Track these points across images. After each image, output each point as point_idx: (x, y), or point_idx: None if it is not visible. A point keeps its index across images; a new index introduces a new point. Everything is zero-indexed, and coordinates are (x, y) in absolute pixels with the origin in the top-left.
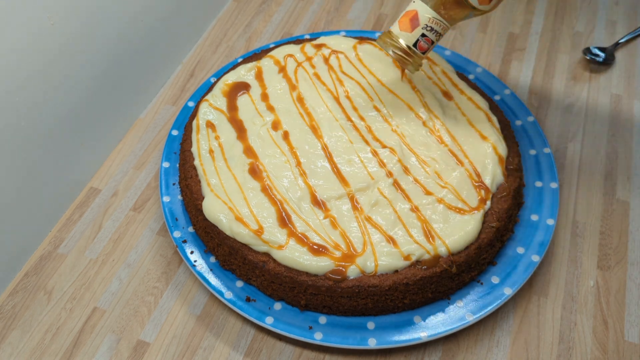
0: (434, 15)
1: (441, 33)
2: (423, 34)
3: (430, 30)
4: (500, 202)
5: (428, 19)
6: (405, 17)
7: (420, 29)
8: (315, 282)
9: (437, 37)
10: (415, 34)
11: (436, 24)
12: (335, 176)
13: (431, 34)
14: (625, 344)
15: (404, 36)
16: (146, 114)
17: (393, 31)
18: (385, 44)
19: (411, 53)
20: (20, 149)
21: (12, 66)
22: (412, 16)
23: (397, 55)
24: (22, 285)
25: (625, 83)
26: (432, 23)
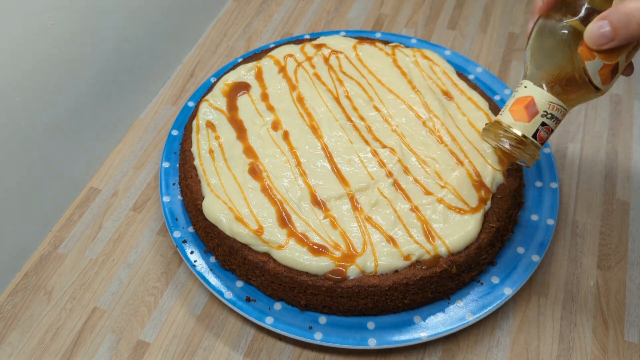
0: (554, 101)
1: (560, 119)
2: (543, 122)
3: (550, 117)
4: (500, 202)
5: (548, 104)
6: (518, 105)
7: (540, 117)
8: (315, 282)
9: (556, 124)
10: (534, 124)
11: (557, 110)
12: (335, 176)
13: (551, 121)
14: (625, 344)
15: (520, 127)
16: (146, 114)
17: (504, 121)
18: (496, 136)
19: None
20: (20, 149)
21: (12, 66)
22: (527, 103)
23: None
24: (22, 285)
25: (625, 83)
26: (552, 109)
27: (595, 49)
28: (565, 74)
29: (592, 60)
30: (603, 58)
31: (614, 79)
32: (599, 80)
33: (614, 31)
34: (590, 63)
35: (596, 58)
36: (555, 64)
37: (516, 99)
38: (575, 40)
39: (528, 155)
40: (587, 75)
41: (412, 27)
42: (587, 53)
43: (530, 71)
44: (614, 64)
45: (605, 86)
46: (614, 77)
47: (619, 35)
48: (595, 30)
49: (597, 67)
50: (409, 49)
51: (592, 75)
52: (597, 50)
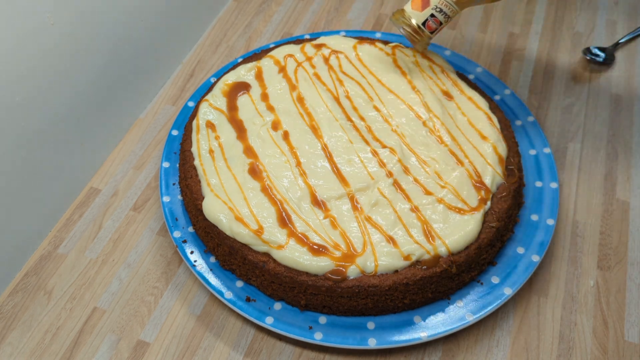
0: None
1: (450, 15)
2: (432, 14)
3: (439, 11)
4: (500, 202)
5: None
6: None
7: (430, 9)
8: (315, 282)
9: (446, 19)
10: (425, 14)
11: (445, 6)
12: (335, 176)
13: (440, 15)
14: (625, 344)
15: (414, 15)
16: (146, 114)
17: (405, 9)
18: (397, 20)
19: (420, 32)
20: (20, 149)
21: (12, 66)
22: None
23: (407, 33)
24: (22, 285)
25: (625, 83)
26: (441, 4)
27: None
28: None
29: None
30: None
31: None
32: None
33: None
34: None
35: None
36: None
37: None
38: None
39: (417, 39)
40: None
41: None
42: None
43: None
44: None
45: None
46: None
47: None
48: None
49: None
50: (409, 49)
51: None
52: None
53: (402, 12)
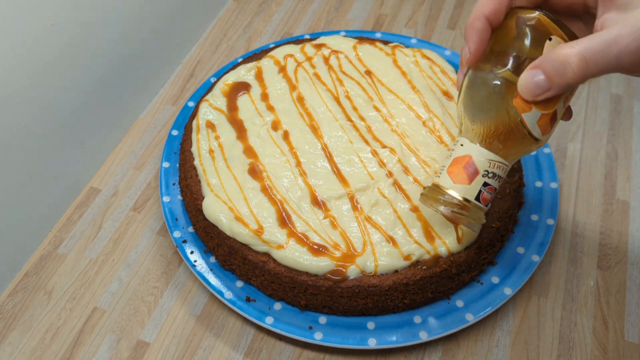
0: (494, 158)
1: (502, 177)
2: (485, 182)
3: (492, 177)
4: (500, 202)
5: (488, 163)
6: (456, 166)
7: (481, 177)
8: (315, 282)
9: (499, 183)
10: (475, 185)
11: (498, 167)
12: (335, 176)
13: (493, 180)
14: (625, 344)
15: (460, 190)
16: (146, 114)
17: (443, 184)
18: (436, 202)
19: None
20: (20, 149)
21: (12, 66)
22: (465, 163)
23: (455, 214)
24: (22, 285)
25: (625, 83)
26: (493, 168)
27: (530, 100)
28: (502, 128)
29: (529, 111)
30: (540, 108)
31: (554, 127)
32: (538, 132)
33: (549, 80)
34: (528, 115)
35: (533, 109)
36: (491, 118)
37: (453, 159)
38: (508, 92)
39: (472, 220)
40: (525, 128)
41: (412, 27)
42: (522, 105)
43: (465, 127)
44: (552, 112)
45: (545, 136)
46: (553, 124)
47: (555, 84)
48: (529, 81)
49: (535, 118)
50: (409, 49)
51: (531, 127)
52: (532, 101)
53: (437, 189)
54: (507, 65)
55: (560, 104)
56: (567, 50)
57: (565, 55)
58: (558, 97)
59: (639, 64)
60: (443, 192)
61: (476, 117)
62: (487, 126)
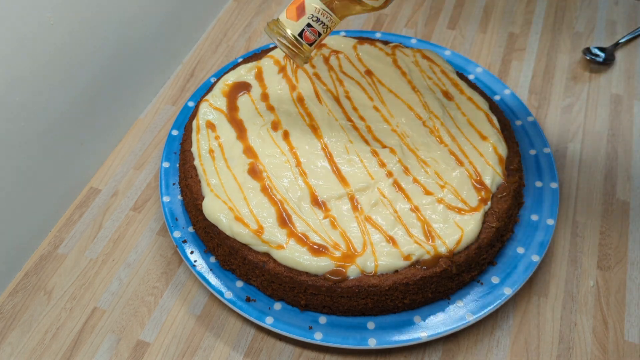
0: (321, 6)
1: (329, 25)
2: (309, 23)
3: (316, 20)
4: (500, 202)
5: (314, 8)
6: (292, 5)
7: (306, 18)
8: (315, 282)
9: (325, 29)
10: (300, 23)
11: (323, 14)
12: (335, 176)
13: (318, 25)
14: (625, 344)
15: (290, 25)
16: (146, 114)
17: (280, 19)
18: (271, 31)
19: (297, 44)
20: (20, 149)
21: (12, 66)
22: (299, 4)
23: (282, 45)
24: (22, 285)
25: (625, 83)
26: (318, 13)
27: None
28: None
29: None
30: None
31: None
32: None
33: None
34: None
35: None
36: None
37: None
38: None
39: (294, 51)
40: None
41: (412, 27)
42: None
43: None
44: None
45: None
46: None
47: None
48: None
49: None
50: (409, 49)
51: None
52: None
53: (276, 22)
54: None
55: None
56: None
57: None
58: None
59: None
60: (278, 24)
61: None
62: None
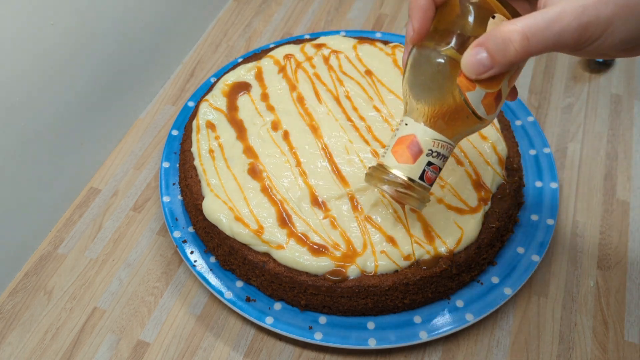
0: (438, 137)
1: (447, 156)
2: (429, 162)
3: (436, 156)
4: (500, 202)
5: (433, 142)
6: (401, 145)
7: (425, 156)
8: (315, 282)
9: (444, 162)
10: (419, 165)
11: (442, 146)
12: (335, 176)
13: (437, 159)
14: (625, 344)
15: (404, 169)
16: (146, 114)
17: (387, 164)
18: (379, 182)
19: (415, 187)
20: (20, 149)
21: (12, 66)
22: (409, 142)
23: (400, 194)
24: (22, 285)
25: (625, 83)
26: (437, 147)
27: (474, 78)
28: (446, 107)
29: (473, 90)
30: (484, 87)
31: (499, 106)
32: (483, 111)
33: (492, 58)
34: (472, 93)
35: (477, 88)
36: (435, 97)
37: (397, 139)
38: (452, 71)
39: (416, 198)
40: (469, 107)
41: None
42: (466, 83)
43: (410, 106)
44: (497, 91)
45: (490, 115)
46: (498, 104)
47: (497, 62)
48: (472, 59)
49: (479, 97)
50: None
51: (476, 106)
52: (476, 79)
53: (381, 169)
54: (450, 44)
55: (504, 83)
56: (509, 27)
57: (507, 33)
58: (502, 76)
59: (580, 42)
60: (387, 171)
61: (420, 96)
62: (431, 105)
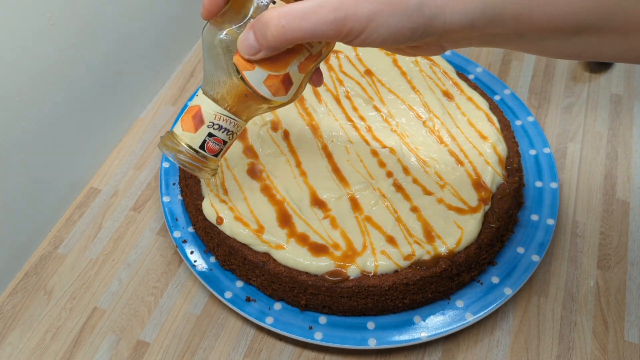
0: (221, 111)
1: (234, 131)
2: (210, 133)
3: (218, 128)
4: (500, 202)
5: (213, 115)
6: (187, 115)
7: (206, 127)
8: (315, 282)
9: (230, 136)
10: (200, 134)
11: (225, 120)
12: (335, 176)
13: (220, 132)
14: (625, 344)
15: (187, 137)
16: (146, 114)
17: (175, 132)
18: (166, 148)
19: (199, 158)
20: (20, 149)
21: (12, 66)
22: (194, 113)
23: (183, 162)
24: (22, 285)
25: (625, 83)
26: (219, 120)
27: (247, 58)
28: (227, 84)
29: (252, 70)
30: (265, 68)
31: (292, 90)
32: (266, 92)
33: (257, 40)
34: (251, 73)
35: (256, 68)
36: (218, 72)
37: (187, 108)
38: (233, 49)
39: (198, 167)
40: (248, 86)
41: None
42: (244, 63)
43: (204, 79)
44: (283, 74)
45: (279, 97)
46: (288, 87)
47: (262, 45)
48: (242, 39)
49: (260, 77)
50: None
51: (256, 86)
52: (250, 60)
53: (170, 136)
54: (233, 24)
55: (292, 67)
56: (271, 12)
57: (268, 17)
58: (287, 60)
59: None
60: (172, 138)
61: (208, 70)
62: (215, 80)
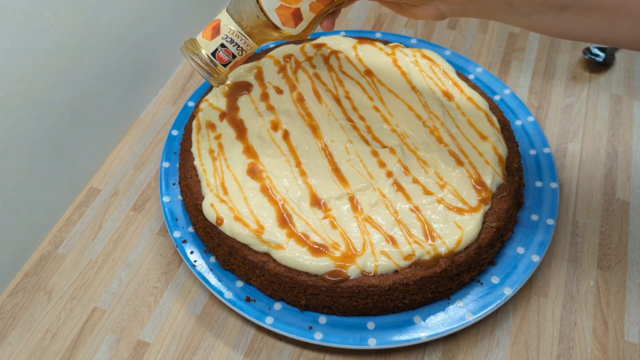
0: (237, 28)
1: (244, 49)
2: (222, 44)
3: (230, 42)
4: (500, 202)
5: (229, 30)
6: (209, 26)
7: (220, 38)
8: (315, 282)
9: (240, 52)
10: (214, 43)
11: (237, 36)
12: (335, 176)
13: (232, 46)
14: (625, 344)
15: (203, 44)
16: (146, 114)
17: (197, 38)
18: (186, 50)
19: (212, 65)
20: (20, 149)
21: (12, 66)
22: (215, 25)
23: (197, 64)
24: (22, 285)
25: (625, 83)
26: (233, 35)
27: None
28: (247, 6)
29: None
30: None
31: (301, 25)
32: (277, 19)
33: None
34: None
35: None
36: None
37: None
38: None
39: (206, 71)
40: (261, 9)
41: (412, 27)
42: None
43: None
44: (295, 8)
45: (288, 28)
46: (298, 21)
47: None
48: None
49: (273, 5)
50: (409, 49)
51: (269, 11)
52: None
53: (193, 41)
54: None
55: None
56: None
57: None
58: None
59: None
60: (193, 42)
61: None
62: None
